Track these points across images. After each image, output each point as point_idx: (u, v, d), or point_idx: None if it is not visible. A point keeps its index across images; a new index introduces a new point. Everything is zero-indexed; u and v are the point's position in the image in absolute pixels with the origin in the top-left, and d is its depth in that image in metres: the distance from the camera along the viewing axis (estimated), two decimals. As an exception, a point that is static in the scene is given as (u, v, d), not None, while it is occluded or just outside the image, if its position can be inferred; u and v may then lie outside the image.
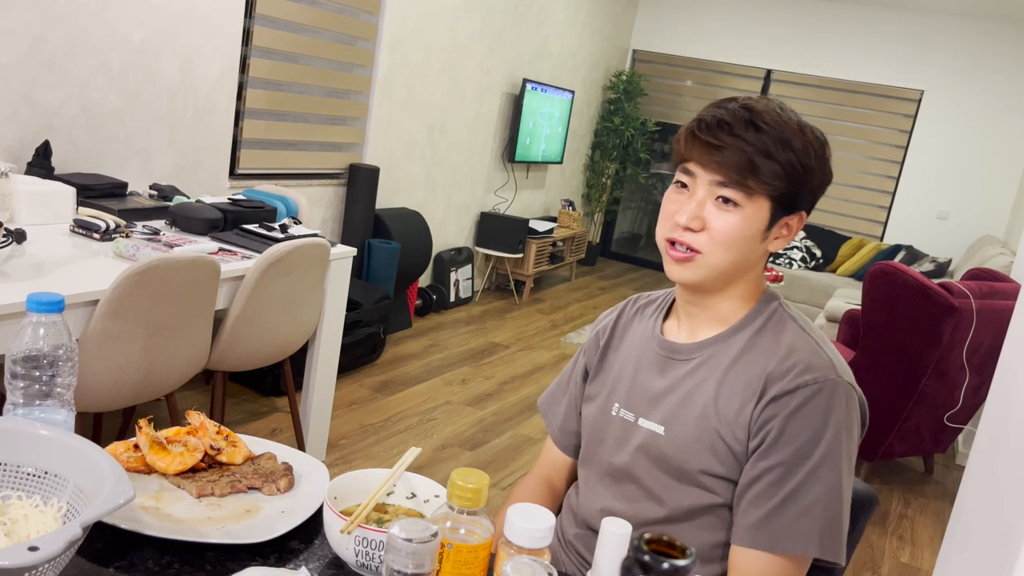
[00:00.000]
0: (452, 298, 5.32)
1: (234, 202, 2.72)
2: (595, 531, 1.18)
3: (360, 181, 4.24)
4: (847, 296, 5.24)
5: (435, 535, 0.73)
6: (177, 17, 3.10)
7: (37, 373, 0.90)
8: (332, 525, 0.91)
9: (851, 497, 1.07)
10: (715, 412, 1.08)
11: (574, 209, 6.77)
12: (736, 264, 1.08)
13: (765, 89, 7.00)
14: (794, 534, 1.02)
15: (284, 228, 2.59)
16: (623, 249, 8.09)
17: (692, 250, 1.07)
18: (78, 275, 1.95)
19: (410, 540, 0.72)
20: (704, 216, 1.05)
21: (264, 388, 3.44)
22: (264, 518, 1.00)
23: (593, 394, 1.26)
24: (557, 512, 1.34)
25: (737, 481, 1.08)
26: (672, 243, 1.09)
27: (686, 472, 1.11)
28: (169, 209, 2.56)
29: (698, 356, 1.13)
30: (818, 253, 6.55)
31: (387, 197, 4.64)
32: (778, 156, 1.03)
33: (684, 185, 1.08)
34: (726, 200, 1.05)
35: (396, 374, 3.97)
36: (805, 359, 1.05)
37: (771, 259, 6.49)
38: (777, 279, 5.86)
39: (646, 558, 0.64)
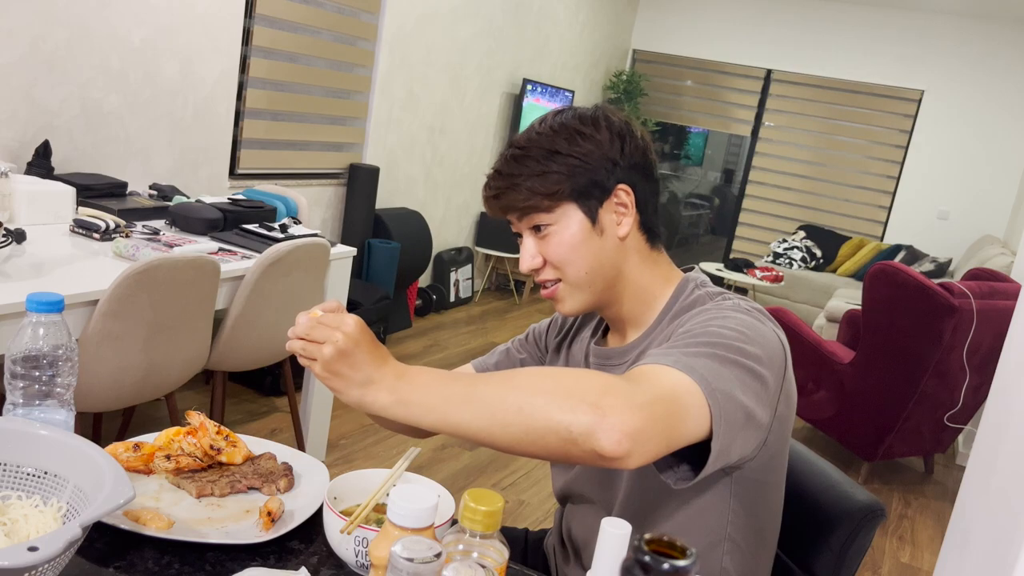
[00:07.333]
0: (452, 298, 5.31)
1: (234, 202, 2.72)
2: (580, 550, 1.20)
3: (360, 181, 4.24)
4: (847, 296, 5.24)
5: (438, 555, 0.72)
6: (177, 17, 3.10)
7: (37, 373, 0.90)
8: (332, 525, 0.91)
9: (753, 401, 0.93)
10: None
11: (574, 209, 6.76)
12: (597, 268, 1.08)
13: (765, 89, 7.00)
14: (674, 353, 0.93)
15: (284, 228, 2.59)
16: (623, 249, 8.08)
17: (551, 282, 1.10)
18: (78, 275, 1.95)
19: (411, 560, 0.71)
20: (538, 252, 1.09)
21: (264, 388, 3.44)
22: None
23: None
24: None
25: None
26: (542, 288, 1.12)
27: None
28: (169, 209, 2.55)
29: (631, 356, 1.11)
30: (818, 253, 6.55)
31: (387, 197, 4.64)
32: (547, 166, 1.04)
33: (519, 234, 1.12)
34: (537, 228, 1.07)
35: (396, 374, 3.96)
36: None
37: (772, 259, 6.52)
38: (777, 279, 5.86)
39: (646, 558, 0.64)
